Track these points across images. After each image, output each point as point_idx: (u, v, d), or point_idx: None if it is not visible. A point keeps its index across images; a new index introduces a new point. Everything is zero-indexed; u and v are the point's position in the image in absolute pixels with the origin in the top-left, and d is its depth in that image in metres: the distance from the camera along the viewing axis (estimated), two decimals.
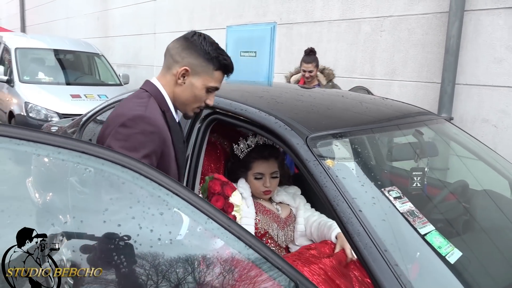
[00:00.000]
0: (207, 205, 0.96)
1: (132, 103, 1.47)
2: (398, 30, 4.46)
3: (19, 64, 6.61)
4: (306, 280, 0.99)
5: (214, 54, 1.48)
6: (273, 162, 2.00)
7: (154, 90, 1.51)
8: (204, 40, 1.49)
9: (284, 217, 2.04)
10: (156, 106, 1.47)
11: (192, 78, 1.49)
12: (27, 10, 16.35)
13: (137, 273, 0.89)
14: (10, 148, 0.88)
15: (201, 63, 1.48)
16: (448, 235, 1.57)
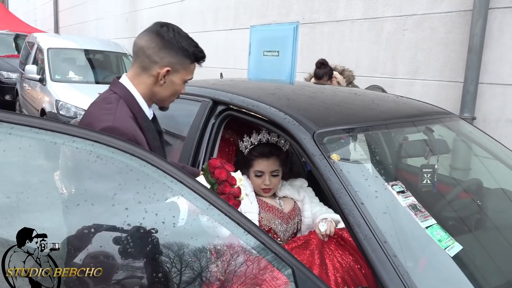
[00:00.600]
0: (209, 192, 1.03)
1: (100, 110, 1.41)
2: (421, 29, 4.42)
3: (51, 63, 6.87)
4: (301, 265, 1.05)
5: (191, 49, 1.47)
6: (274, 160, 2.00)
7: (123, 91, 1.45)
8: (179, 35, 1.46)
9: (287, 211, 2.05)
10: (126, 110, 1.42)
11: (172, 76, 1.47)
12: (61, 11, 16.90)
13: (141, 253, 0.97)
14: (30, 137, 0.97)
15: (179, 60, 1.46)
16: (458, 232, 1.59)
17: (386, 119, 1.78)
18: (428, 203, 1.67)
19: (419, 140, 1.79)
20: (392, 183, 1.44)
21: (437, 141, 1.83)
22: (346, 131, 1.60)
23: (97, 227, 0.96)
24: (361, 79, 5.03)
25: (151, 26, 1.53)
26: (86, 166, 1.00)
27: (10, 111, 0.97)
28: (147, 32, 1.50)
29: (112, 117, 1.36)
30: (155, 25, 1.51)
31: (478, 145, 2.28)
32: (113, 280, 1.00)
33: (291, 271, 1.03)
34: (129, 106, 1.44)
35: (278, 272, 1.04)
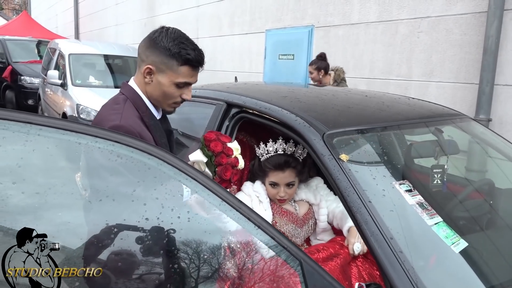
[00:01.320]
0: (221, 189, 1.09)
1: (109, 110, 1.50)
2: (436, 31, 4.43)
3: (72, 68, 7.06)
4: (309, 259, 1.10)
5: (175, 50, 1.46)
6: (290, 172, 1.96)
7: (130, 93, 1.53)
8: (166, 37, 1.47)
9: (302, 215, 2.04)
10: (132, 110, 1.49)
11: (158, 76, 1.49)
12: (81, 18, 17.29)
13: (158, 245, 1.04)
14: (56, 137, 1.05)
15: (163, 60, 1.47)
16: (468, 230, 1.62)
17: (396, 120, 1.83)
18: (439, 202, 1.71)
19: (428, 141, 1.82)
20: (400, 182, 1.48)
21: (446, 142, 1.86)
22: (355, 132, 1.65)
23: (118, 221, 1.03)
24: (376, 82, 5.06)
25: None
26: (108, 165, 1.07)
27: (38, 114, 1.05)
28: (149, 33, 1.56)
29: (119, 117, 1.44)
30: (158, 28, 1.55)
31: (490, 146, 2.30)
32: (134, 274, 1.07)
33: (299, 264, 1.09)
34: (135, 106, 1.51)
35: (287, 265, 1.09)
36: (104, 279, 0.99)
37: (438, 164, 1.85)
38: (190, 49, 1.49)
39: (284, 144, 1.99)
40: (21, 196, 0.98)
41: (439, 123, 1.98)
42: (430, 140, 1.84)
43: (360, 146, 1.64)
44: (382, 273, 1.25)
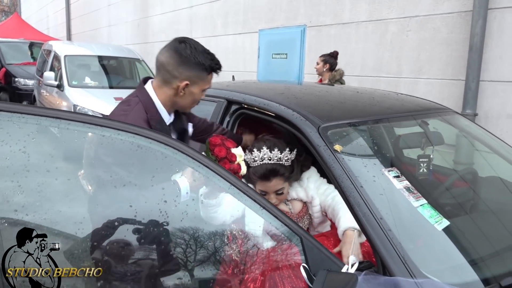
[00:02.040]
0: (229, 174, 1.23)
1: (119, 111, 1.64)
2: (424, 30, 4.59)
3: (68, 70, 7.15)
4: (309, 236, 1.24)
5: (207, 63, 1.63)
6: (277, 180, 1.87)
7: (144, 96, 1.65)
8: (195, 51, 1.61)
9: (296, 212, 2.01)
10: (141, 112, 1.61)
11: (191, 87, 1.65)
12: (73, 19, 17.31)
13: (177, 221, 1.17)
14: (83, 131, 1.18)
15: (197, 73, 1.63)
16: (450, 211, 1.77)
17: (386, 114, 1.98)
18: (425, 187, 1.86)
19: (415, 133, 1.97)
20: (389, 169, 1.62)
21: (432, 133, 2.01)
22: (348, 125, 1.80)
23: (138, 203, 1.16)
24: (367, 79, 5.22)
25: (170, 42, 1.68)
26: (130, 154, 1.20)
27: (68, 111, 1.18)
28: (167, 49, 1.66)
29: (124, 118, 1.55)
30: (174, 41, 1.66)
31: (475, 138, 2.46)
32: (153, 251, 1.21)
33: (300, 239, 1.23)
34: (145, 109, 1.63)
35: (289, 241, 1.24)
36: (130, 251, 1.12)
37: (424, 154, 2.00)
38: (214, 59, 1.66)
39: (269, 152, 1.87)
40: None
41: (425, 116, 2.13)
42: (417, 132, 1.99)
43: (353, 137, 1.78)
44: (373, 249, 1.39)
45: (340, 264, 1.24)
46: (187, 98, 1.68)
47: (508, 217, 1.79)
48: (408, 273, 1.30)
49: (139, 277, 1.13)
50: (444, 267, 1.39)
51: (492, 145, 2.33)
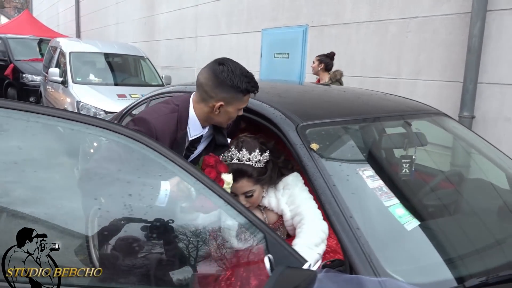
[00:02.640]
0: (195, 169, 1.25)
1: (154, 108, 1.80)
2: (424, 31, 4.58)
3: (73, 66, 7.23)
4: (272, 232, 1.26)
5: (243, 86, 1.71)
6: (245, 182, 1.77)
7: (183, 110, 1.79)
8: (232, 74, 1.70)
9: (271, 223, 1.91)
10: (173, 122, 1.75)
11: (227, 107, 1.75)
12: (82, 16, 17.46)
13: (140, 214, 1.20)
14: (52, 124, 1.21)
15: (232, 95, 1.72)
16: (427, 213, 1.78)
17: (369, 114, 1.98)
18: (404, 188, 1.87)
19: (398, 133, 1.98)
20: (364, 169, 1.63)
21: (415, 134, 2.01)
22: (327, 124, 1.81)
23: (105, 195, 1.19)
24: (367, 80, 5.21)
25: (211, 62, 1.78)
26: (98, 147, 1.23)
27: (38, 105, 1.21)
28: (206, 69, 1.77)
29: (156, 116, 1.72)
30: (214, 62, 1.76)
31: (463, 140, 2.45)
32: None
33: (263, 236, 1.25)
34: (178, 121, 1.76)
35: (253, 237, 1.25)
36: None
37: (406, 155, 2.01)
38: (251, 81, 1.74)
39: (237, 152, 1.80)
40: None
41: (410, 117, 2.14)
42: (399, 132, 1.99)
43: (331, 136, 1.80)
44: (342, 246, 1.41)
45: (303, 261, 1.26)
46: (222, 116, 1.79)
47: (484, 220, 1.79)
48: (373, 272, 1.31)
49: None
50: (411, 267, 1.40)
51: (480, 147, 2.33)
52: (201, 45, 8.83)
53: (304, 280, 1.11)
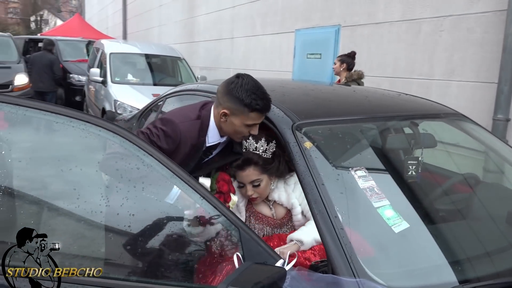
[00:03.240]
0: (171, 163, 1.27)
1: (182, 112, 1.92)
2: (458, 30, 4.39)
3: (112, 66, 7.51)
4: (247, 228, 1.26)
5: (247, 101, 1.74)
6: (252, 170, 1.88)
7: (206, 119, 1.88)
8: (240, 88, 1.76)
9: (279, 218, 1.99)
10: (196, 128, 1.85)
11: (232, 118, 1.80)
12: (129, 19, 18.11)
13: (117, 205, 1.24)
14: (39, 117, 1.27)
15: (237, 107, 1.77)
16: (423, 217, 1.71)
17: (372, 113, 1.94)
18: (405, 190, 1.81)
19: (401, 134, 1.92)
20: (356, 169, 1.59)
21: (422, 135, 1.94)
22: (325, 123, 1.78)
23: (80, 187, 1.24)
24: (398, 81, 5.07)
25: (233, 75, 1.87)
26: (80, 140, 1.28)
27: (26, 99, 1.27)
28: (226, 80, 1.87)
29: (183, 120, 1.84)
30: (235, 75, 1.85)
31: (482, 143, 2.33)
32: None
33: (237, 230, 1.25)
34: (199, 129, 1.87)
35: (228, 232, 1.26)
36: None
37: (412, 156, 1.94)
38: (259, 99, 1.76)
39: (244, 141, 1.91)
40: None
41: (422, 118, 2.07)
42: (404, 133, 1.93)
43: (327, 136, 1.77)
44: (324, 246, 1.38)
45: (277, 258, 1.25)
46: (229, 127, 1.84)
47: (484, 226, 1.70)
48: (352, 273, 1.28)
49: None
50: (394, 271, 1.36)
51: (499, 149, 2.21)
52: (237, 46, 8.91)
53: (268, 277, 1.10)
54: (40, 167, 1.30)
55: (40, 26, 44.33)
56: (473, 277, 1.35)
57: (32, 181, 1.35)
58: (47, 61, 8.70)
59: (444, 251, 1.42)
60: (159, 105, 2.91)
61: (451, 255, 1.43)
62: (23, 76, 8.88)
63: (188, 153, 1.86)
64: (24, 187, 1.34)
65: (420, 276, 1.34)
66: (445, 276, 1.33)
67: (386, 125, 1.95)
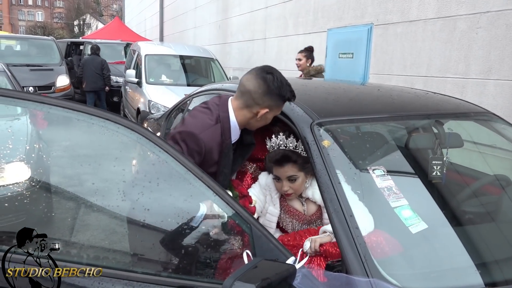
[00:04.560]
0: (186, 159, 1.30)
1: (199, 119, 1.83)
2: (495, 27, 4.22)
3: (147, 68, 7.70)
4: (258, 224, 1.27)
5: (287, 95, 1.79)
6: (290, 167, 1.93)
7: (225, 119, 1.83)
8: (281, 84, 1.78)
9: (310, 214, 2.02)
10: (218, 133, 1.81)
11: (268, 114, 1.83)
12: (165, 21, 18.50)
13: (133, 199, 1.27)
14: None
15: (276, 103, 1.81)
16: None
17: (394, 112, 1.90)
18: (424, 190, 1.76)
19: (425, 133, 1.87)
20: (374, 168, 1.57)
21: (447, 135, 1.89)
22: (344, 122, 1.77)
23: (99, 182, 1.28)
24: (433, 80, 4.93)
25: (258, 70, 1.85)
26: (99, 136, 1.33)
27: (50, 97, 1.33)
28: (255, 76, 1.83)
29: (202, 130, 1.77)
30: (262, 71, 1.83)
31: None
32: None
33: (249, 227, 1.26)
34: (222, 132, 1.82)
35: (240, 228, 1.27)
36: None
37: (437, 156, 1.89)
38: (293, 90, 1.81)
39: (285, 139, 1.96)
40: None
41: (449, 117, 2.00)
42: (427, 132, 1.88)
43: (347, 134, 1.75)
44: (339, 245, 1.37)
45: (288, 256, 1.25)
46: (261, 122, 1.88)
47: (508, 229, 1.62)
48: (366, 273, 1.27)
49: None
50: (410, 272, 1.33)
51: None
52: (269, 47, 8.92)
53: (277, 273, 1.11)
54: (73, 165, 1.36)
55: (83, 29, 46.05)
56: (501, 279, 1.30)
57: (69, 178, 1.40)
58: (97, 63, 9.53)
59: (464, 253, 1.37)
60: (186, 104, 2.96)
61: (472, 258, 1.38)
62: (64, 78, 9.32)
63: (219, 160, 1.82)
64: (62, 183, 1.40)
65: (437, 279, 1.30)
66: (464, 278, 1.29)
67: (408, 124, 1.90)
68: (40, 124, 1.59)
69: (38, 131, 1.57)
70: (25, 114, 1.44)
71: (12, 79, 4.89)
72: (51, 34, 34.67)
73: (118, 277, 1.19)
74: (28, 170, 1.41)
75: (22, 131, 2.05)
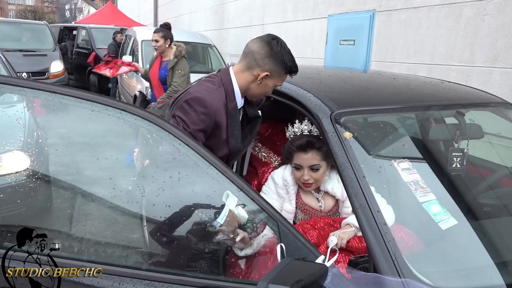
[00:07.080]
0: (209, 153, 1.23)
1: (202, 86, 1.83)
2: (503, 14, 4.15)
3: (144, 54, 7.55)
4: (285, 221, 1.21)
5: (289, 64, 1.78)
6: (314, 154, 1.87)
7: (227, 82, 1.82)
8: (284, 50, 1.78)
9: (327, 211, 1.96)
10: (222, 95, 1.79)
11: (268, 80, 1.80)
12: (160, 6, 18.19)
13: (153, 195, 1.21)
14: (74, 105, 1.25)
15: (278, 69, 1.78)
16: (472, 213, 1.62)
17: (414, 102, 1.84)
18: (450, 184, 1.71)
19: (446, 124, 1.81)
20: (399, 161, 1.51)
21: (468, 126, 1.83)
22: (364, 112, 1.70)
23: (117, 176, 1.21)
24: (437, 68, 4.87)
25: (264, 35, 1.86)
26: (115, 127, 1.26)
27: (61, 87, 1.25)
28: (260, 40, 1.83)
29: (207, 93, 1.77)
30: (268, 36, 1.84)
31: None
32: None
33: (276, 224, 1.20)
34: (226, 93, 1.81)
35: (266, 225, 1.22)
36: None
37: (457, 148, 1.83)
38: (295, 62, 1.81)
39: (310, 125, 1.93)
40: None
41: (467, 107, 1.95)
42: (448, 123, 1.83)
43: (367, 125, 1.69)
44: (366, 242, 1.32)
45: (317, 254, 1.19)
46: (260, 88, 1.84)
47: None
48: (397, 272, 1.21)
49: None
50: (441, 270, 1.28)
51: None
52: (268, 33, 8.79)
53: (310, 274, 1.05)
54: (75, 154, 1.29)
55: (75, 14, 45.32)
56: None
57: (68, 166, 1.34)
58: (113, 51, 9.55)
59: (496, 250, 1.33)
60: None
61: (505, 255, 1.34)
62: (58, 64, 9.14)
63: (228, 123, 1.81)
64: (59, 172, 1.34)
65: (469, 276, 1.26)
66: (496, 276, 1.24)
67: (430, 115, 1.84)
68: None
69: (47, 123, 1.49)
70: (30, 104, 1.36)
71: (7, 64, 4.76)
72: (42, 18, 34.04)
73: (139, 277, 1.13)
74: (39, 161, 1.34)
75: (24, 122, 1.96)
